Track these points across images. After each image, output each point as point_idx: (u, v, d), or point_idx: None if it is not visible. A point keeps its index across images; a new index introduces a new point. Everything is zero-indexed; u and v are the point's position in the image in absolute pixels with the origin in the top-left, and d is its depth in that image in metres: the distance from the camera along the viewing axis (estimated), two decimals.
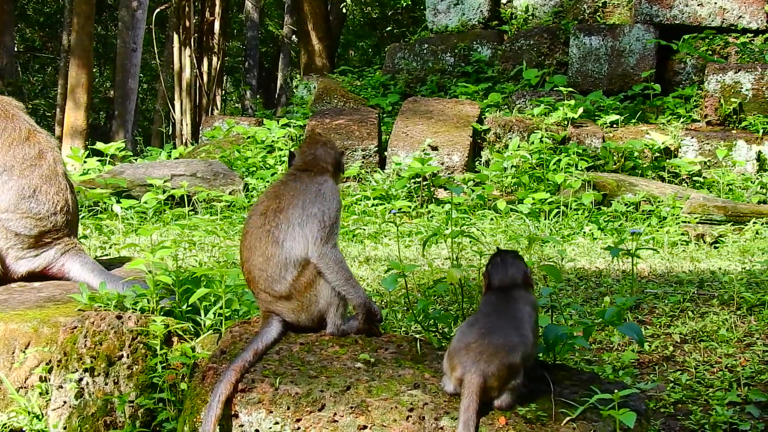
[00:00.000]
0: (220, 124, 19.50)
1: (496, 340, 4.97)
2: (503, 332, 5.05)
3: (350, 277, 5.66)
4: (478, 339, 4.99)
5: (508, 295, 5.42)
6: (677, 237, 12.30)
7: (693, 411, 6.35)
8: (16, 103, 7.84)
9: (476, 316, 5.28)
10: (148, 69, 45.80)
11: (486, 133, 17.58)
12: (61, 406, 5.78)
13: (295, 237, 5.54)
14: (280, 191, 5.74)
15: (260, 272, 5.60)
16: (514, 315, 5.25)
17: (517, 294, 5.42)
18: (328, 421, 4.92)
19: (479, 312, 5.33)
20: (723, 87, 17.44)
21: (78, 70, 23.82)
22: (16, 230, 7.27)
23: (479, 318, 5.22)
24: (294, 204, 5.62)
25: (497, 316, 5.20)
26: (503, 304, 5.34)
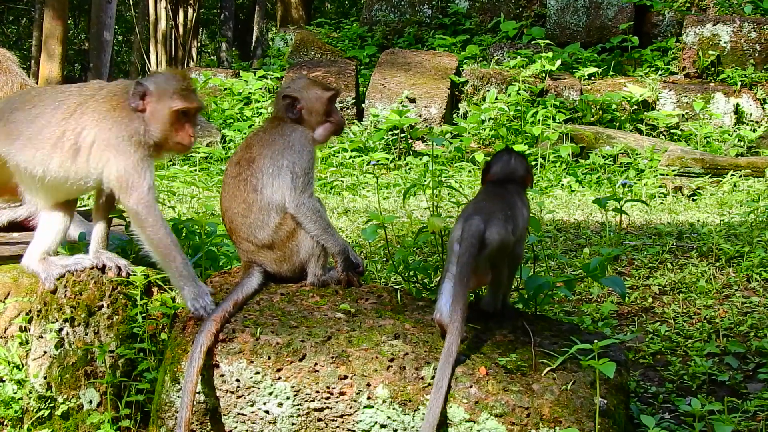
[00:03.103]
0: (197, 76, 19.38)
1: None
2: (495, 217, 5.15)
3: (328, 227, 5.64)
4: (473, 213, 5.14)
5: (504, 188, 5.47)
6: (655, 189, 12.34)
7: (672, 362, 6.38)
8: (9, 55, 7.78)
9: (468, 206, 5.33)
10: (123, 21, 45.40)
11: (464, 85, 17.55)
12: (41, 356, 5.76)
13: (272, 185, 5.53)
14: (251, 141, 5.73)
15: (242, 219, 5.58)
16: (508, 204, 5.34)
17: (512, 188, 5.51)
18: (308, 371, 4.92)
19: (473, 201, 5.37)
20: (701, 39, 17.44)
21: (52, 22, 23.52)
22: None
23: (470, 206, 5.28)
24: (263, 154, 5.59)
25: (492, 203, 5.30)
26: (498, 193, 5.43)
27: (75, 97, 5.62)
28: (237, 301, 5.30)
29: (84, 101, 5.58)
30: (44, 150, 5.53)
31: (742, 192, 12.06)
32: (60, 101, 5.59)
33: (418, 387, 4.85)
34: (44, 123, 5.55)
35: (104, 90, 5.66)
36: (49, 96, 5.64)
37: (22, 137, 5.58)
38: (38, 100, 5.65)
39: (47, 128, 5.53)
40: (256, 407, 4.95)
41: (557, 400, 4.80)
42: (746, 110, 16.55)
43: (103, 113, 5.53)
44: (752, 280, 7.60)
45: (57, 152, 5.52)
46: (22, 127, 5.58)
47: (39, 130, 5.54)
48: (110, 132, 5.50)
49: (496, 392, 4.81)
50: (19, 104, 5.69)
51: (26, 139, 5.57)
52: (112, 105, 5.55)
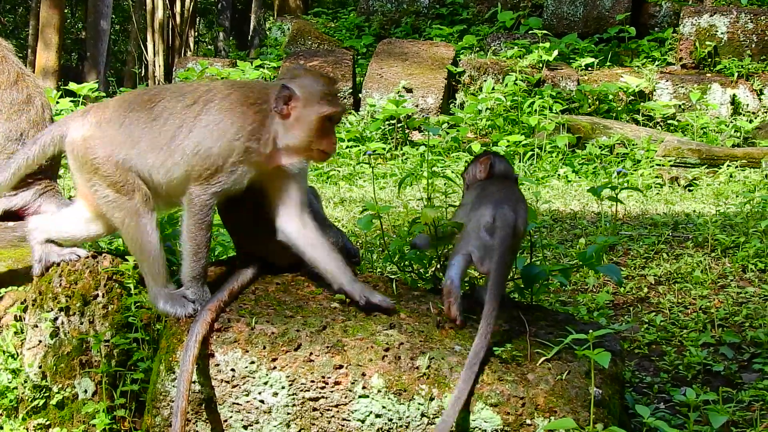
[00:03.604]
0: (194, 66, 19.37)
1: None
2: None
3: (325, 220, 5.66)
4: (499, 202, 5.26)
5: (509, 183, 5.60)
6: (651, 180, 12.35)
7: (667, 352, 6.39)
8: (5, 43, 7.76)
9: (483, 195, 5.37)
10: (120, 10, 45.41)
11: (461, 75, 17.54)
12: (36, 345, 5.75)
13: None
14: None
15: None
16: (521, 197, 5.48)
17: (514, 184, 5.65)
18: (304, 360, 4.92)
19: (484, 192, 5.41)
20: (698, 30, 17.43)
21: (49, 11, 23.54)
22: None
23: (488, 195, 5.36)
24: None
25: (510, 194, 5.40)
26: (509, 186, 5.53)
27: (201, 88, 5.40)
28: (232, 290, 5.30)
29: (210, 91, 5.35)
30: (163, 152, 5.28)
31: (738, 182, 12.06)
32: (187, 104, 5.31)
33: (414, 377, 4.85)
34: (169, 126, 5.28)
35: (237, 91, 5.35)
36: (173, 96, 5.36)
37: (144, 142, 5.29)
38: (160, 100, 5.35)
39: (168, 124, 5.28)
40: (251, 397, 4.95)
41: (552, 389, 4.81)
42: (743, 101, 16.55)
43: (231, 103, 5.28)
44: (748, 271, 7.62)
45: (173, 149, 5.26)
46: (144, 131, 5.30)
47: (159, 127, 5.29)
48: (230, 126, 5.24)
49: (491, 382, 4.83)
50: (137, 105, 5.37)
51: (150, 144, 5.28)
52: (243, 97, 5.30)
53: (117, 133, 5.28)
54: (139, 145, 5.26)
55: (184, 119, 5.23)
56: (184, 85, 5.55)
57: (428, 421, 4.81)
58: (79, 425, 5.67)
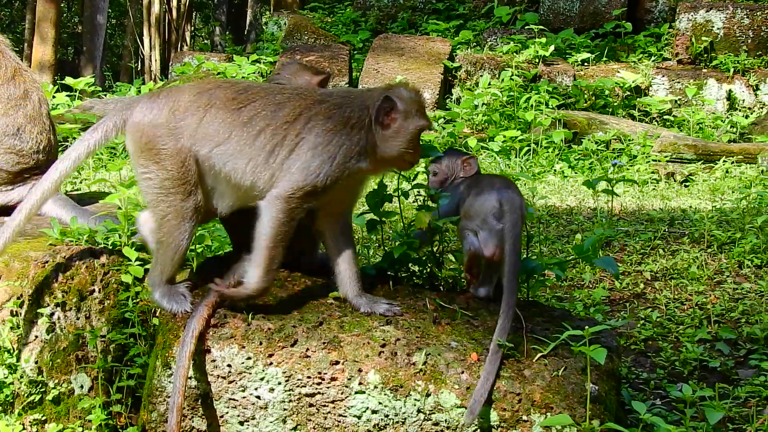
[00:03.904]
0: (190, 60, 19.35)
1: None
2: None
3: None
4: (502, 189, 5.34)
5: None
6: (648, 175, 12.34)
7: (663, 348, 6.40)
8: (2, 38, 7.75)
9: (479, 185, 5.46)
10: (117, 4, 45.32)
11: (457, 70, 17.54)
12: (32, 341, 5.75)
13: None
14: None
15: None
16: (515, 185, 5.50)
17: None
18: (300, 356, 4.92)
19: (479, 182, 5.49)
20: (694, 25, 17.44)
21: (46, 5, 23.51)
22: None
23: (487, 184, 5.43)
24: None
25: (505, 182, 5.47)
26: (500, 177, 5.61)
27: (297, 100, 5.26)
28: (229, 286, 5.29)
29: (309, 107, 5.22)
30: (258, 159, 5.16)
31: (734, 178, 12.07)
32: (286, 119, 5.19)
33: (410, 373, 4.85)
34: (261, 128, 5.18)
35: (338, 111, 5.25)
36: (264, 104, 5.23)
37: (231, 142, 5.17)
38: (248, 103, 5.22)
39: (264, 134, 5.17)
40: (248, 392, 4.95)
41: (548, 386, 4.82)
42: (739, 96, 16.56)
43: (335, 124, 5.19)
44: (744, 267, 7.63)
45: (270, 163, 5.15)
46: (229, 130, 5.18)
47: (254, 136, 5.17)
48: (340, 149, 5.16)
49: None
50: (219, 102, 5.23)
51: (237, 145, 5.16)
52: (346, 116, 5.21)
53: (196, 127, 5.17)
54: (224, 146, 5.15)
55: (285, 135, 5.13)
56: (272, 89, 5.35)
57: (424, 417, 4.81)
58: (75, 421, 5.67)
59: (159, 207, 5.21)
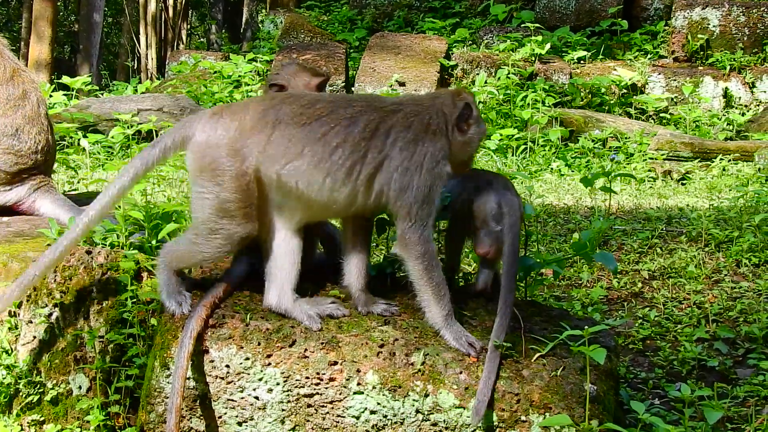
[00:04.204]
0: (187, 59, 19.35)
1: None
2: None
3: None
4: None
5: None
6: (644, 173, 12.35)
7: (662, 347, 6.40)
8: (0, 38, 7.76)
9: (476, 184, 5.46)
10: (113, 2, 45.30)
11: (453, 68, 17.54)
12: (30, 341, 5.75)
13: None
14: None
15: None
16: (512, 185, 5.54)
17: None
18: (298, 356, 4.92)
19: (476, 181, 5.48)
20: (690, 23, 17.46)
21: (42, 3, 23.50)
22: None
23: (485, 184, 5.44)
24: None
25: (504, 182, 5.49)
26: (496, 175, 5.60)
27: (369, 113, 5.15)
28: (227, 287, 5.28)
29: (384, 119, 5.13)
30: (337, 175, 5.04)
31: (731, 176, 12.08)
32: (351, 118, 5.10)
33: (408, 373, 4.85)
34: (336, 143, 5.05)
35: (416, 118, 5.19)
36: (336, 117, 5.11)
37: (305, 158, 5.04)
38: (318, 117, 5.09)
39: (341, 150, 5.05)
40: (246, 393, 4.95)
41: (547, 386, 4.81)
42: (735, 94, 16.58)
43: (416, 133, 5.13)
44: (741, 265, 7.62)
45: (351, 179, 5.05)
46: (301, 145, 5.05)
47: (330, 151, 5.05)
48: (425, 156, 5.10)
49: None
50: (287, 118, 5.09)
51: (311, 160, 5.04)
52: (425, 123, 5.16)
53: (265, 145, 5.04)
54: (296, 162, 5.04)
55: (365, 152, 5.06)
56: (338, 102, 5.22)
57: (423, 418, 4.81)
58: (74, 421, 5.67)
59: (208, 226, 5.10)
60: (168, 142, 5.20)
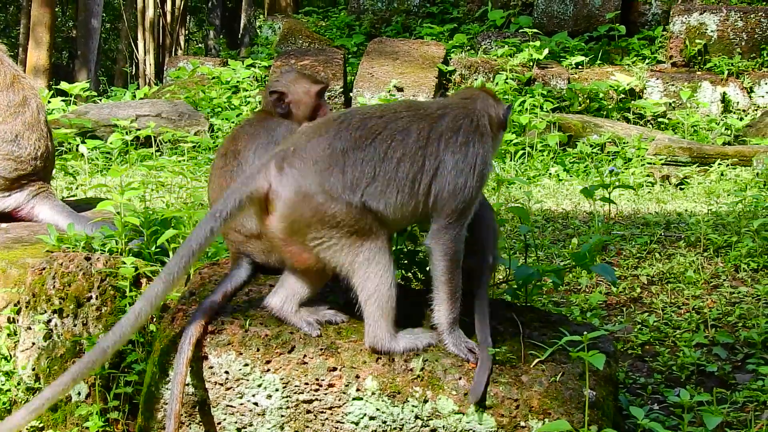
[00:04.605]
0: (185, 65, 19.36)
1: None
2: None
3: None
4: None
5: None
6: (643, 178, 12.35)
7: (661, 352, 6.39)
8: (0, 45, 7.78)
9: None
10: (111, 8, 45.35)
11: (451, 74, 17.54)
12: (29, 347, 5.75)
13: None
14: (237, 133, 5.66)
15: None
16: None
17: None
18: (297, 362, 4.91)
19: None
20: (688, 28, 17.47)
21: (40, 9, 23.55)
22: None
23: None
24: (248, 147, 5.54)
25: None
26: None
27: (419, 122, 5.13)
28: (226, 292, 5.27)
29: (433, 125, 5.13)
30: (405, 190, 5.03)
31: (730, 181, 12.08)
32: (404, 129, 5.08)
33: (407, 379, 4.85)
34: (398, 158, 5.03)
35: (453, 109, 5.23)
36: (385, 125, 5.07)
37: (378, 179, 4.99)
38: (376, 135, 5.04)
39: (403, 163, 5.02)
40: (245, 399, 4.94)
41: (546, 391, 4.81)
42: (733, 99, 16.59)
43: (467, 136, 5.15)
44: (740, 270, 7.62)
45: (414, 190, 5.04)
46: (372, 168, 5.00)
47: (395, 167, 5.01)
48: (476, 158, 5.12)
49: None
50: (349, 143, 5.01)
51: (384, 180, 5.00)
52: (474, 125, 5.19)
53: (342, 176, 4.95)
54: (372, 186, 4.97)
55: (423, 162, 5.04)
56: (387, 114, 5.15)
57: (422, 424, 4.80)
58: (73, 427, 5.67)
59: (356, 260, 4.99)
60: (234, 204, 4.95)
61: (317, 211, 4.88)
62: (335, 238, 4.93)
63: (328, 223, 4.90)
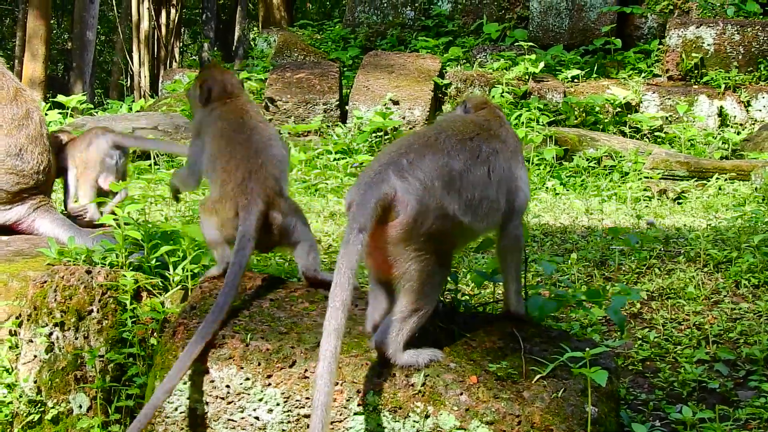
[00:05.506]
0: (181, 77, 19.36)
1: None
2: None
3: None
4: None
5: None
6: (640, 192, 12.36)
7: (661, 369, 6.38)
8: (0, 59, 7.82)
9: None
10: (106, 20, 45.44)
11: (447, 87, 17.54)
12: (31, 360, 5.75)
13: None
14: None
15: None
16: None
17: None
18: (299, 377, 4.91)
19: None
20: (684, 42, 17.49)
21: (36, 21, 23.57)
22: None
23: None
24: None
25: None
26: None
27: (479, 135, 5.24)
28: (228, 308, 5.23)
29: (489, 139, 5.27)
30: (500, 211, 5.24)
31: (728, 195, 12.08)
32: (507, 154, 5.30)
33: (409, 394, 4.84)
34: (498, 181, 5.18)
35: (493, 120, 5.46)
36: (461, 141, 5.12)
37: (467, 192, 5.03)
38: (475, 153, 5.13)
39: (482, 176, 5.13)
40: (246, 413, 4.94)
41: (548, 407, 4.80)
42: (730, 113, 16.60)
43: (515, 145, 5.45)
44: (741, 286, 7.60)
45: (498, 201, 5.19)
46: (481, 190, 5.09)
47: (496, 189, 5.18)
48: (523, 162, 5.46)
49: (486, 400, 4.81)
50: (460, 165, 5.03)
51: (473, 193, 5.06)
52: (512, 134, 5.49)
53: (460, 200, 4.99)
54: (480, 209, 5.10)
55: (488, 171, 5.18)
56: (448, 125, 5.27)
57: None
58: None
59: (431, 277, 4.98)
60: (371, 215, 4.81)
61: (432, 226, 4.87)
62: (433, 253, 4.92)
63: (436, 238, 4.90)
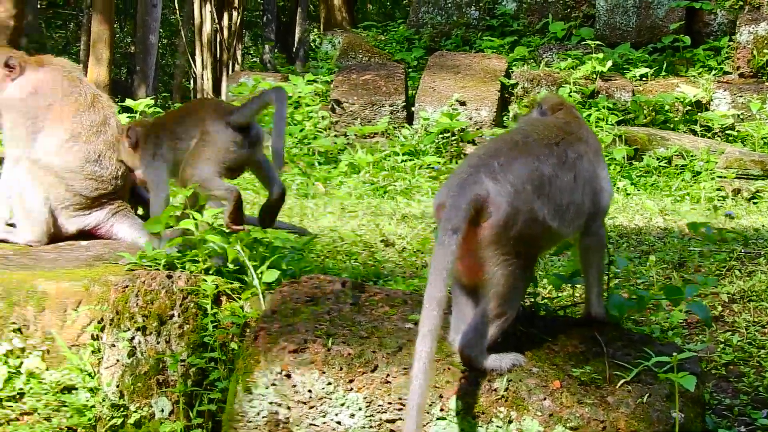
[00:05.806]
0: (246, 80, 19.40)
1: None
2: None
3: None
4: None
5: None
6: (713, 192, 12.21)
7: (746, 373, 6.28)
8: (74, 65, 7.91)
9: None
10: (168, 24, 45.74)
11: (513, 87, 17.46)
12: (113, 365, 5.79)
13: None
14: None
15: None
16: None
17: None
18: (381, 381, 4.90)
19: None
20: (756, 38, 17.26)
21: (100, 26, 23.71)
22: (78, 191, 7.36)
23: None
24: None
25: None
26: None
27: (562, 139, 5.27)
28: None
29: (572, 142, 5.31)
30: (585, 214, 5.31)
31: None
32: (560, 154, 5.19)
33: (491, 399, 4.83)
34: (582, 185, 5.25)
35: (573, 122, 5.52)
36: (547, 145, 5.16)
37: (555, 196, 5.08)
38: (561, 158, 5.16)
39: (587, 189, 5.29)
40: (328, 418, 4.93)
41: (633, 413, 4.77)
42: None
43: (595, 145, 5.50)
44: None
45: (583, 205, 5.26)
46: (569, 195, 5.16)
47: (581, 193, 5.25)
48: (603, 161, 5.50)
49: (570, 405, 4.78)
50: (549, 170, 5.07)
51: (561, 197, 5.11)
52: (591, 134, 5.52)
53: (550, 205, 5.04)
54: (567, 213, 5.16)
55: (595, 183, 5.33)
56: (543, 134, 5.25)
57: None
58: None
59: (517, 282, 4.99)
60: (464, 216, 4.79)
61: (521, 229, 4.87)
62: (519, 257, 4.93)
63: (524, 241, 4.91)
